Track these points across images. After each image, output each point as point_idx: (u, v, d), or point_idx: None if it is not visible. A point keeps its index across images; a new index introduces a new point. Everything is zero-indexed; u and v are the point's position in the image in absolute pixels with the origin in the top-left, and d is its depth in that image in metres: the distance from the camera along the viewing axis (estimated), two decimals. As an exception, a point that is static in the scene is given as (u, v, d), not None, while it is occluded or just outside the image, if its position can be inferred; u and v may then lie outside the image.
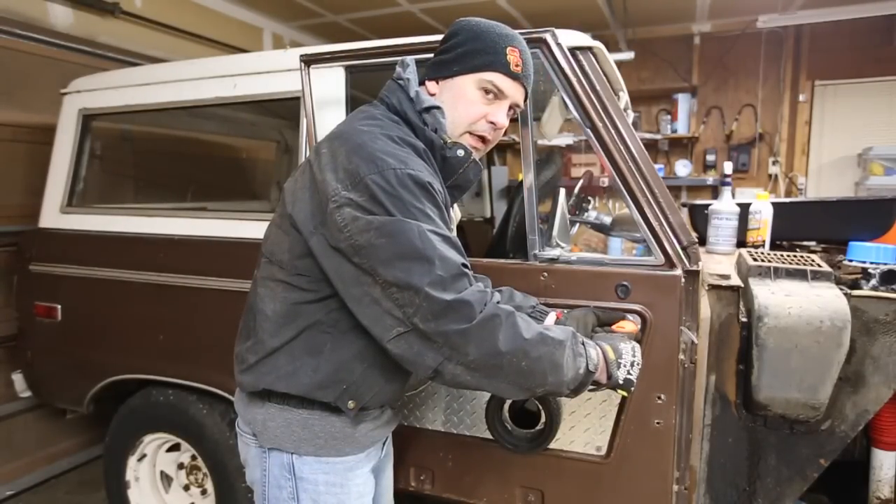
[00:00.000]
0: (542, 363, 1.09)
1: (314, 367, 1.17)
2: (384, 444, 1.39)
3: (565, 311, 1.47)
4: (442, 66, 1.25)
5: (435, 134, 1.22)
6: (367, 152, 1.09)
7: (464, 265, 1.09)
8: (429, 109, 1.22)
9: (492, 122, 1.25)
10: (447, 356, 1.06)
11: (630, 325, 1.40)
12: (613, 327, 1.39)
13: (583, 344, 1.17)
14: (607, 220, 2.24)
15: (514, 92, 1.25)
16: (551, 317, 1.43)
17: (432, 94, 1.25)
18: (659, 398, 1.56)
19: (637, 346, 1.26)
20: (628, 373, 1.20)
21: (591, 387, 1.18)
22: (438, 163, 1.23)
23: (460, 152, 1.22)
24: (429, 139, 1.22)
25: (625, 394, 1.23)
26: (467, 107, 1.23)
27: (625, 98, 2.35)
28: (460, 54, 1.22)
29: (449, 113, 1.23)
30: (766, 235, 2.12)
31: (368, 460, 1.30)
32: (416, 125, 1.22)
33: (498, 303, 1.12)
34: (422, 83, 1.27)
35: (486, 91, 1.23)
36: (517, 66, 1.23)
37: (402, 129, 1.21)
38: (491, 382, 1.09)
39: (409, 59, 1.30)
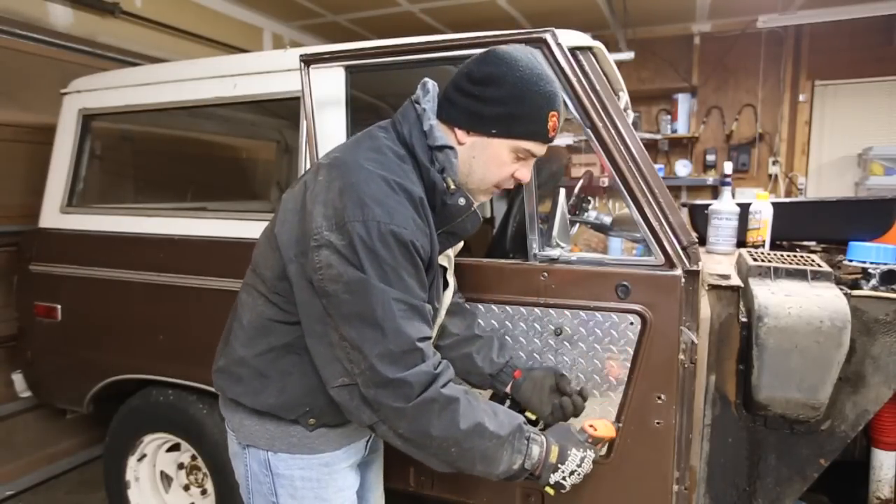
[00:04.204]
0: (472, 453, 1.12)
1: (280, 389, 1.19)
2: (369, 441, 1.39)
3: (525, 369, 1.50)
4: (479, 120, 1.16)
5: (441, 175, 1.18)
6: (358, 195, 1.06)
7: (421, 339, 1.09)
8: (441, 148, 1.18)
9: (517, 178, 1.24)
10: (382, 419, 1.09)
11: (608, 430, 1.37)
12: (592, 423, 1.35)
13: (527, 439, 1.18)
14: (607, 220, 2.24)
15: (543, 150, 1.23)
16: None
17: (461, 143, 1.19)
18: (659, 398, 1.55)
19: (591, 456, 1.27)
20: (563, 478, 1.22)
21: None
22: (437, 207, 1.18)
23: (461, 201, 1.19)
24: (432, 181, 1.17)
25: (551, 492, 1.24)
26: (499, 168, 1.21)
27: (625, 98, 2.35)
28: (502, 116, 1.15)
29: (479, 171, 1.21)
30: (766, 235, 2.12)
31: (348, 457, 1.31)
32: (422, 163, 1.17)
33: (446, 383, 1.11)
34: (448, 122, 1.19)
35: (520, 156, 1.21)
36: (554, 130, 1.19)
37: (405, 167, 1.16)
38: (419, 454, 1.13)
39: (431, 83, 1.24)
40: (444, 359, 1.16)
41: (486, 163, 1.20)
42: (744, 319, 1.55)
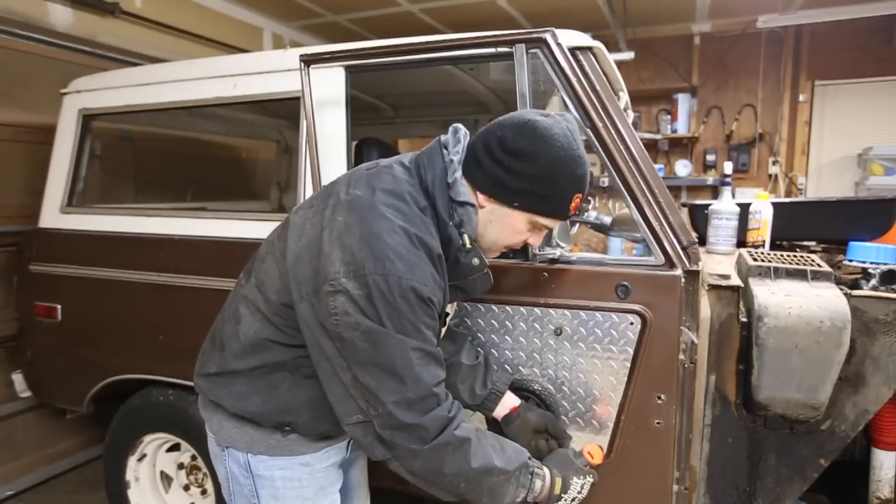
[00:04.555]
0: (480, 488, 1.16)
1: (265, 399, 1.20)
2: (350, 441, 1.40)
3: (523, 406, 1.50)
4: (503, 191, 1.14)
5: (458, 230, 1.17)
6: (380, 247, 1.05)
7: (437, 384, 1.11)
8: (462, 204, 1.17)
9: (528, 243, 1.26)
10: (395, 457, 1.11)
11: (600, 457, 1.44)
12: (590, 451, 1.42)
13: (531, 474, 1.22)
14: (607, 220, 2.23)
15: (558, 224, 1.23)
16: (508, 398, 1.49)
17: (481, 206, 1.18)
18: (659, 398, 1.55)
19: (590, 482, 1.33)
20: None
21: None
22: (451, 261, 1.18)
23: (475, 261, 1.20)
24: (448, 236, 1.17)
25: None
26: (513, 235, 1.22)
27: (625, 98, 2.35)
28: (527, 192, 1.13)
29: (493, 234, 1.21)
30: (766, 235, 2.12)
31: (328, 457, 1.32)
32: (441, 216, 1.16)
33: (459, 425, 1.14)
34: (471, 182, 1.17)
35: (535, 227, 1.21)
36: (575, 209, 1.19)
37: (426, 220, 1.14)
38: (429, 488, 1.16)
39: (463, 132, 1.22)
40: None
41: (502, 229, 1.20)
42: (744, 319, 1.55)
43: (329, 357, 1.10)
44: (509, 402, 1.50)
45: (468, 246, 1.18)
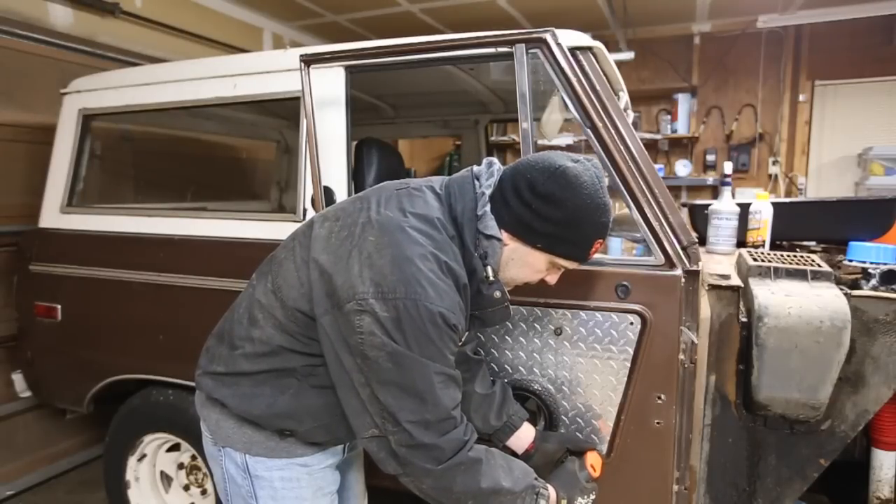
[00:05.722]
0: None
1: (269, 403, 1.20)
2: (346, 444, 1.40)
3: (539, 439, 1.50)
4: (528, 232, 1.17)
5: (482, 262, 1.19)
6: (412, 272, 1.06)
7: (455, 407, 1.13)
8: (489, 237, 1.18)
9: (545, 281, 1.27)
10: (407, 473, 1.13)
11: (599, 467, 1.45)
12: (592, 464, 1.43)
13: (537, 495, 1.23)
14: (607, 220, 2.23)
15: (575, 265, 1.25)
16: (523, 432, 1.48)
17: (504, 244, 1.19)
18: (659, 398, 1.56)
19: (592, 500, 1.35)
20: None
21: None
22: (472, 292, 1.19)
23: (497, 294, 1.21)
24: (472, 267, 1.18)
25: None
26: (532, 273, 1.24)
27: (625, 98, 2.35)
28: (550, 235, 1.16)
29: (513, 271, 1.23)
30: (766, 235, 2.12)
31: (326, 458, 1.32)
32: (467, 247, 1.18)
33: (472, 447, 1.15)
34: (497, 219, 1.18)
35: (555, 267, 1.24)
36: (594, 253, 1.22)
37: (454, 249, 1.16)
38: (435, 503, 1.18)
39: (497, 166, 1.24)
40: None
41: (522, 267, 1.22)
42: (744, 319, 1.55)
43: (348, 371, 1.10)
44: (525, 436, 1.50)
45: (491, 278, 1.19)
